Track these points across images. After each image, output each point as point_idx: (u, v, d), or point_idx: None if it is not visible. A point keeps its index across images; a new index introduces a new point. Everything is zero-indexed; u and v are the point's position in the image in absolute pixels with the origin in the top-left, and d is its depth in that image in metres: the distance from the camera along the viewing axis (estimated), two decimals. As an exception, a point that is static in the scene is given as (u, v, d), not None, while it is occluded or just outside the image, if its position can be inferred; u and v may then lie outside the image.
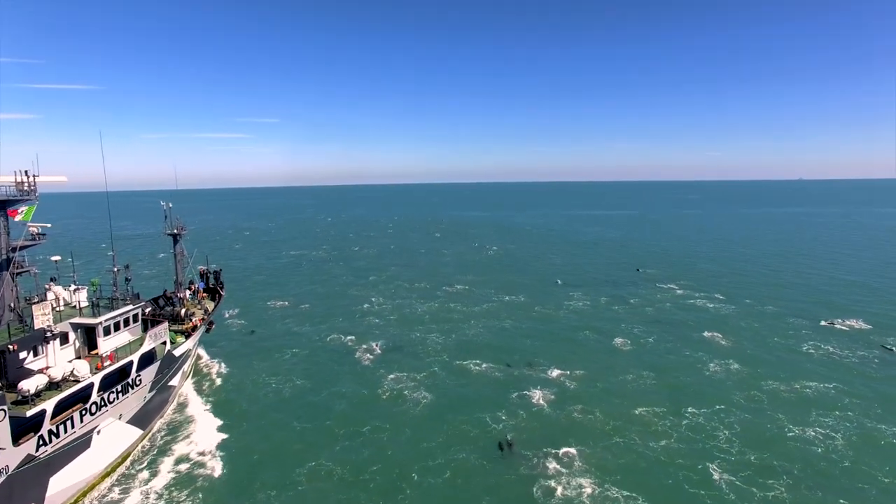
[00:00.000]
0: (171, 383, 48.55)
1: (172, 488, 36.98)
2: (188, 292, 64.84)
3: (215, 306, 65.96)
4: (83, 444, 36.20)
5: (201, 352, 64.13)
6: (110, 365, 39.03)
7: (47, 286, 44.11)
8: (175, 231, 63.23)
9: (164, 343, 47.25)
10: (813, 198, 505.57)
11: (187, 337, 53.04)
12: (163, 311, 57.37)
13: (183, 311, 57.39)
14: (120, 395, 39.78)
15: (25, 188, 40.98)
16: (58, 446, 34.06)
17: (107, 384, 38.37)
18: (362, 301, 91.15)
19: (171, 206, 65.16)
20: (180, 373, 51.42)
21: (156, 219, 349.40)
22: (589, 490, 35.54)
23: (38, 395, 33.19)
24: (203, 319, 59.15)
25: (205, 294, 67.55)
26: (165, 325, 48.51)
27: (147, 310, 53.18)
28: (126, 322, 44.15)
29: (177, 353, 49.25)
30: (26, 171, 41.33)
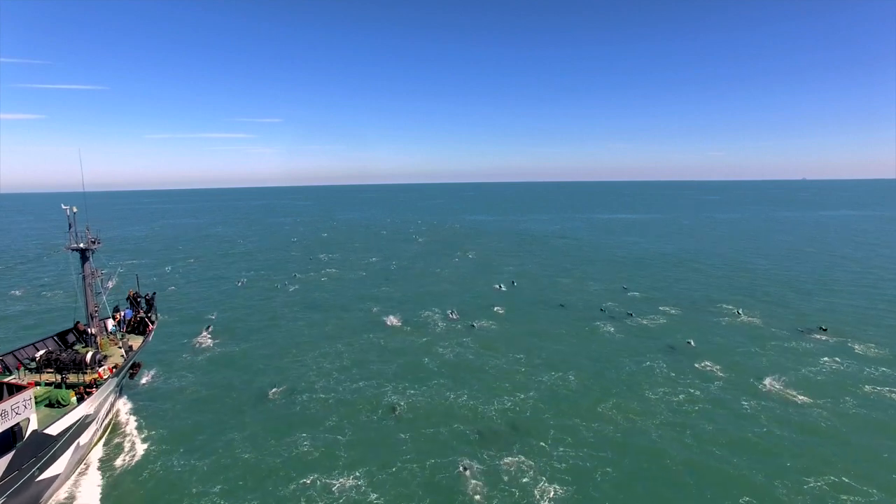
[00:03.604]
0: (43, 477, 32.80)
1: None
2: (111, 323, 51.29)
3: (143, 342, 50.06)
4: None
5: (121, 406, 48.01)
6: None
7: None
8: (83, 245, 46.40)
9: (28, 420, 31.22)
10: (850, 199, 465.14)
11: (82, 398, 37.05)
12: (63, 353, 42.29)
13: (89, 354, 41.75)
14: None
15: None
16: None
17: None
18: (299, 382, 54.07)
19: (76, 210, 46.84)
20: (67, 454, 35.53)
21: (134, 220, 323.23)
22: None
23: None
24: (117, 367, 43.46)
25: (135, 324, 52.93)
26: (26, 394, 31.13)
27: (39, 353, 41.79)
28: None
29: (56, 429, 33.17)
30: None
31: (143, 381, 54.87)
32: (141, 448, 41.41)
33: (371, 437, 42.50)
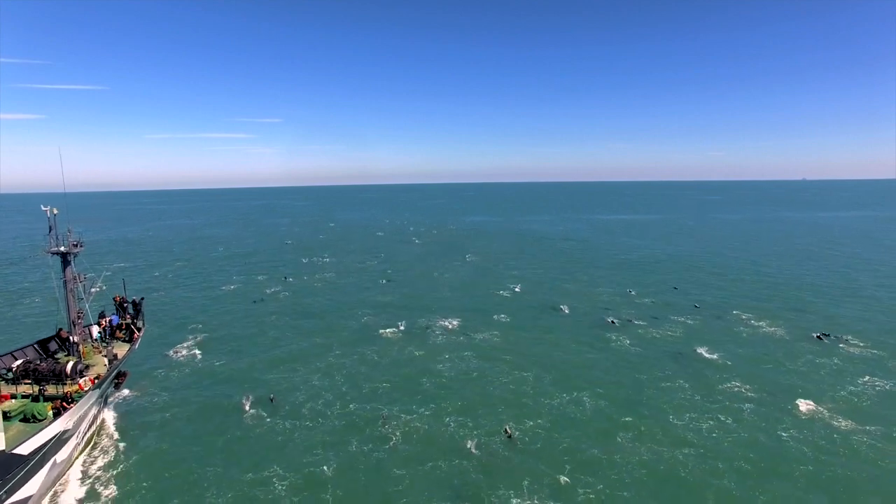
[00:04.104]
0: (12, 500, 30.36)
1: None
2: (96, 329, 48.56)
3: (128, 350, 46.77)
4: None
5: (108, 417, 45.63)
6: None
7: None
8: (64, 249, 42.94)
9: None
10: (853, 199, 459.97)
11: (59, 413, 33.66)
12: (43, 363, 39.11)
13: (70, 364, 38.37)
14: None
15: None
16: None
17: None
18: (284, 403, 48.71)
19: (56, 212, 43.80)
20: (42, 473, 32.49)
21: (131, 221, 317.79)
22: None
23: None
24: (99, 377, 39.74)
25: (121, 332, 49.69)
26: None
27: (17, 362, 38.75)
28: None
29: (28, 447, 30.43)
30: None
31: (120, 396, 50.46)
32: (104, 492, 36.11)
33: (361, 474, 37.22)
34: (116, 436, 43.38)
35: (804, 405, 45.91)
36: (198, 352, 64.17)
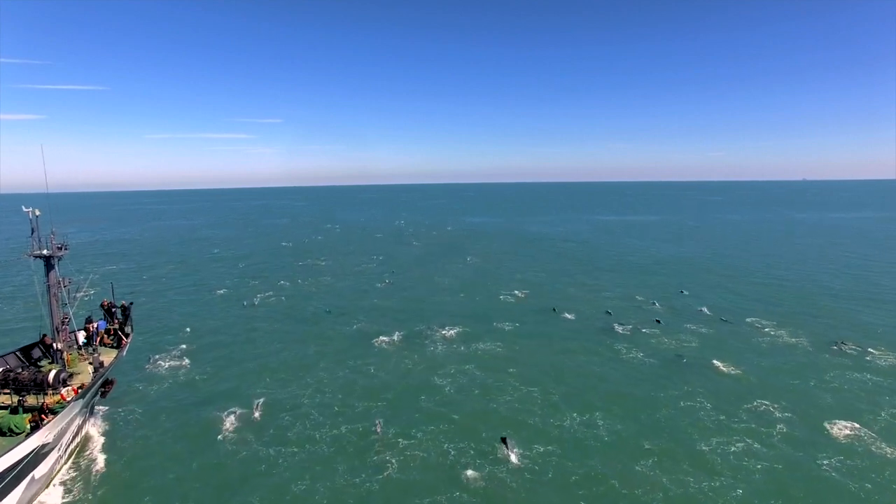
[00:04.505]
0: None
1: None
2: (82, 335, 44.97)
3: (116, 357, 44.03)
4: None
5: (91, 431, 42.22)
6: None
7: None
8: (47, 252, 40.06)
9: None
10: (857, 200, 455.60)
11: (36, 426, 31.54)
12: (24, 371, 37.07)
13: (52, 373, 36.08)
14: None
15: None
16: None
17: None
18: (269, 424, 44.28)
19: (38, 213, 40.38)
20: (18, 491, 30.77)
21: (129, 221, 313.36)
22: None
23: None
24: (83, 387, 37.33)
25: (109, 338, 47.10)
26: None
27: None
28: None
29: (2, 465, 28.06)
30: None
31: (101, 410, 46.73)
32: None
33: (350, 511, 33.04)
34: (88, 459, 39.48)
35: (842, 428, 41.71)
36: (183, 362, 60.07)
